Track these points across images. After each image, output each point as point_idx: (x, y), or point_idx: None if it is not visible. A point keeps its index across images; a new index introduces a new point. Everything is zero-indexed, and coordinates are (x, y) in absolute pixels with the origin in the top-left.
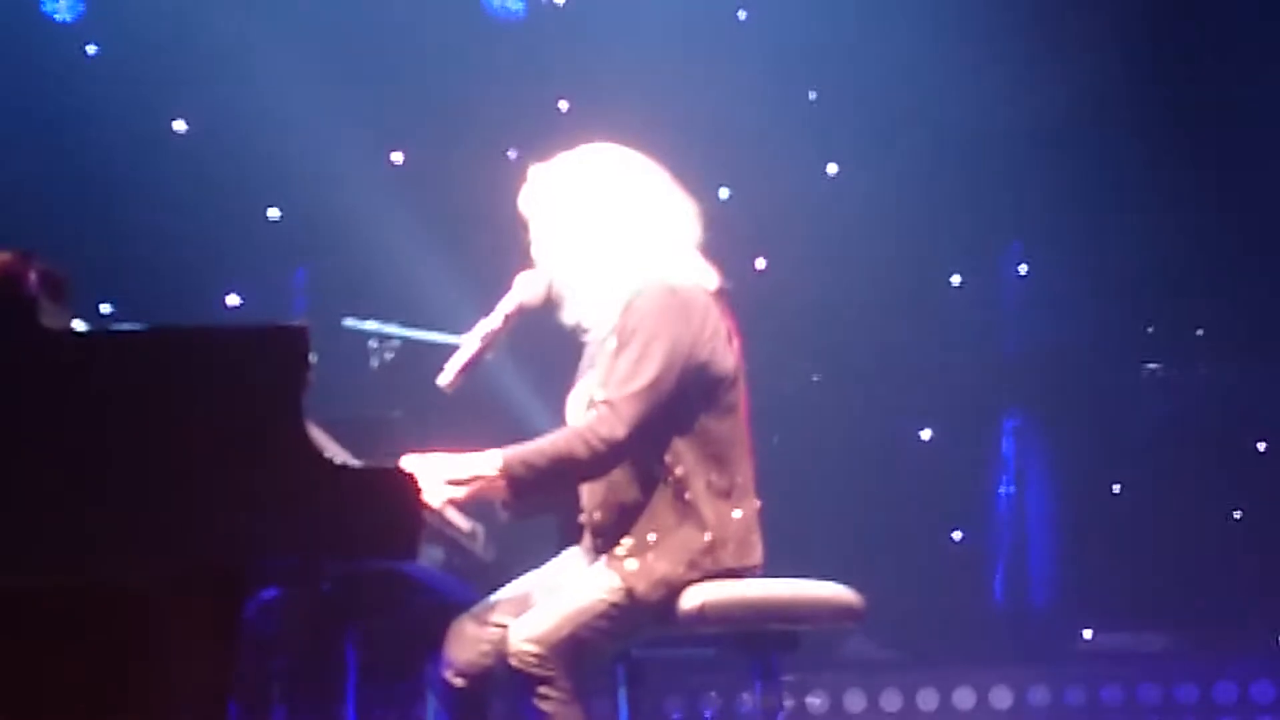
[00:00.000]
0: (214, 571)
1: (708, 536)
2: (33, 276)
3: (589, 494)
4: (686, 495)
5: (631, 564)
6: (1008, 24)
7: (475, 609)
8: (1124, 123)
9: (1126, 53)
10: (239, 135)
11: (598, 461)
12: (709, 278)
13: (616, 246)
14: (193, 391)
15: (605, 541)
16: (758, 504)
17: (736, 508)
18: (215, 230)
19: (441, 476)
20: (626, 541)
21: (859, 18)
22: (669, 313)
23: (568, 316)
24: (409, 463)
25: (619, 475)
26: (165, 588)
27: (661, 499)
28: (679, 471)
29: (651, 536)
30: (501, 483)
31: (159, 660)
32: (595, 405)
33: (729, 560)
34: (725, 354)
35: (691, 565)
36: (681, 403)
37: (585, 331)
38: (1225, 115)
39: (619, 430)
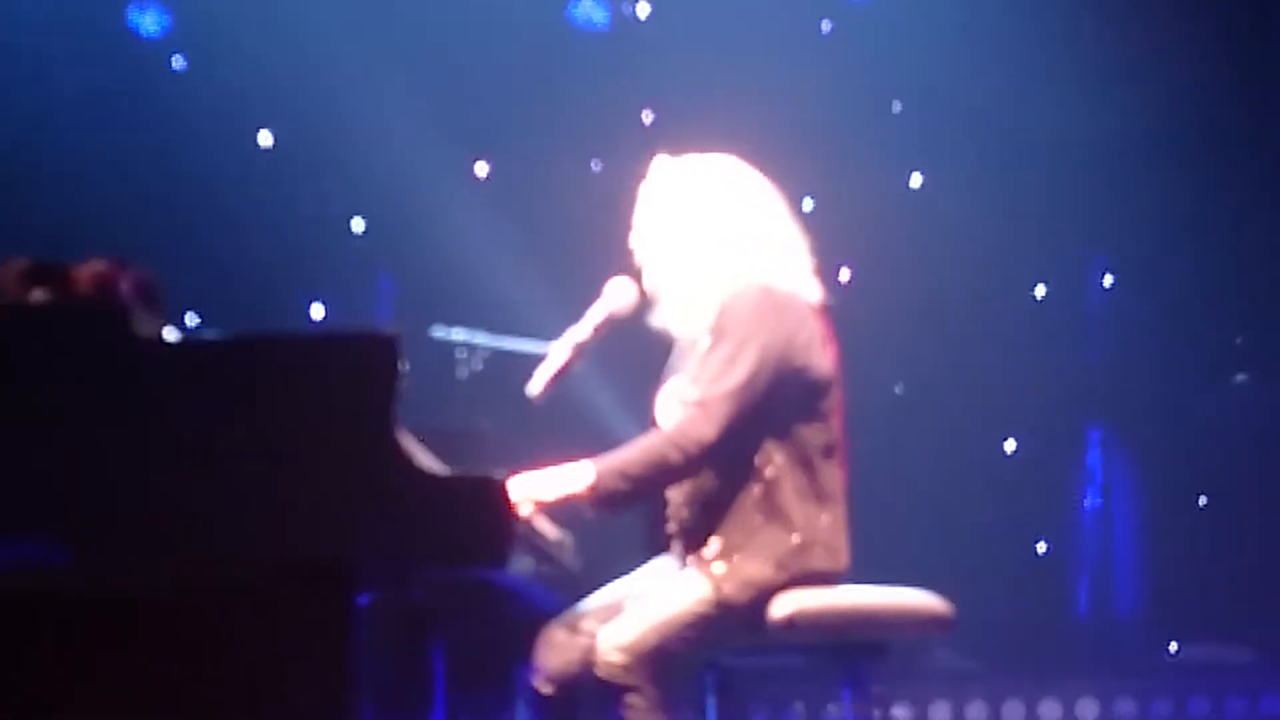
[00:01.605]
0: (318, 573)
1: (796, 538)
2: (126, 285)
3: (676, 495)
4: (775, 497)
5: (719, 566)
6: (1094, 34)
7: (565, 616)
8: (1212, 132)
9: (1216, 63)
10: (324, 146)
11: (690, 464)
12: (811, 290)
13: (722, 250)
14: (285, 398)
15: (692, 543)
16: (845, 510)
17: (825, 512)
18: (300, 241)
19: (534, 494)
20: (714, 542)
21: (943, 28)
22: (764, 315)
23: (658, 318)
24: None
25: (707, 476)
26: (272, 589)
27: (750, 500)
28: (769, 473)
29: (739, 537)
30: (596, 495)
31: (274, 657)
32: (687, 406)
33: (817, 563)
34: (820, 360)
35: (780, 566)
36: (774, 405)
37: (676, 335)
38: None
39: (709, 431)
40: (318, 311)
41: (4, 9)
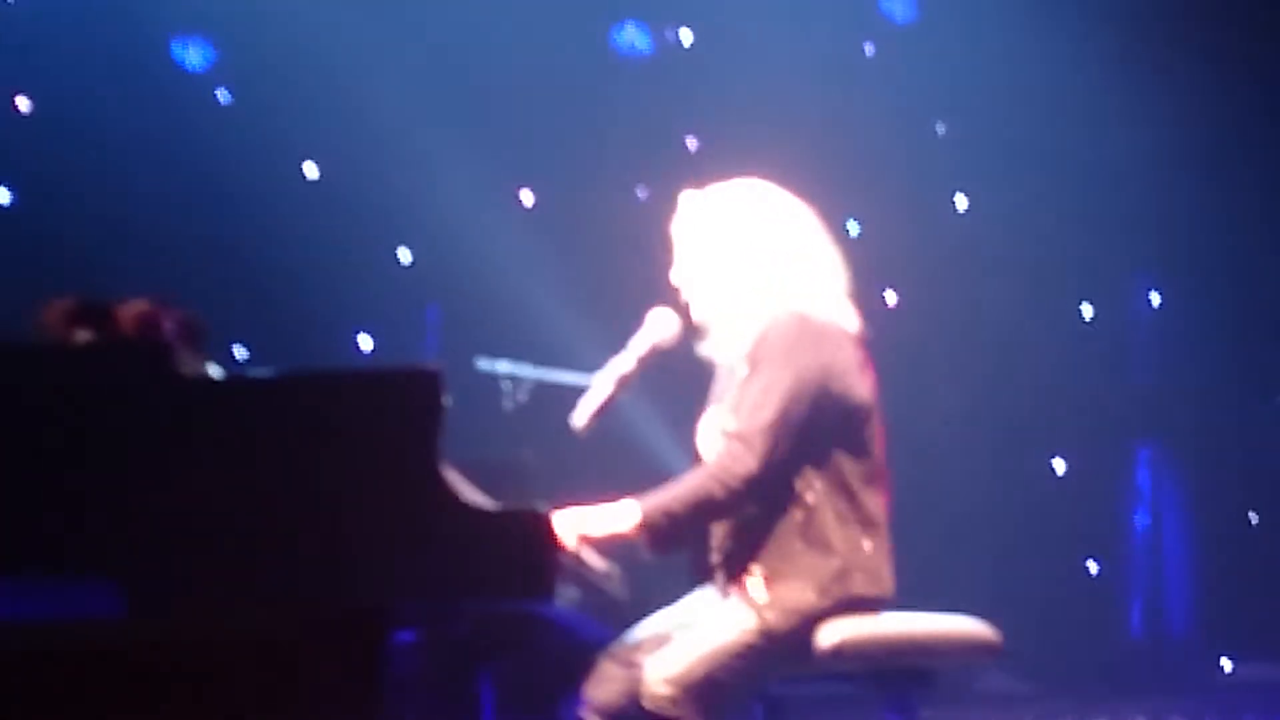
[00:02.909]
0: (355, 615)
1: (837, 563)
2: (169, 325)
3: (718, 525)
4: (816, 524)
5: (761, 594)
6: (1137, 52)
7: (613, 648)
8: (1257, 149)
9: (1264, 80)
10: (369, 178)
11: (734, 500)
12: (849, 319)
13: (760, 279)
14: (329, 436)
15: (735, 572)
16: (888, 537)
17: (866, 538)
18: (346, 272)
19: (579, 532)
20: (756, 571)
21: (985, 50)
22: (802, 343)
23: (703, 349)
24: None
25: (749, 505)
26: (307, 632)
27: (791, 527)
28: (809, 500)
29: (780, 565)
30: (644, 535)
31: (305, 706)
32: (727, 438)
33: (859, 588)
34: (859, 388)
35: (822, 592)
36: (813, 433)
37: (715, 360)
38: None
39: (753, 465)
40: (365, 343)
41: (50, 46)
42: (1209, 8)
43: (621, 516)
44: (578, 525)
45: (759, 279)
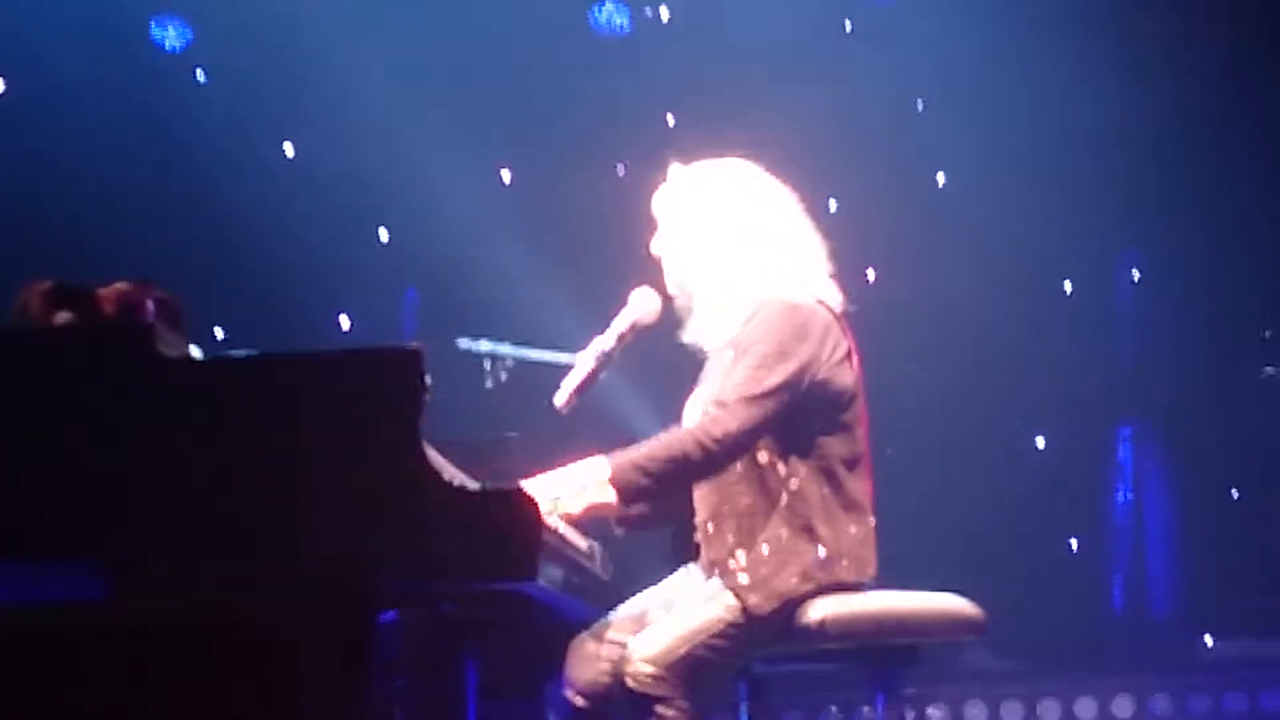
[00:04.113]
0: (339, 596)
1: (822, 551)
2: (150, 305)
3: (702, 507)
4: (801, 509)
5: (744, 578)
6: (1117, 26)
7: (595, 627)
8: (1240, 125)
9: (1244, 54)
10: (347, 157)
11: (708, 461)
12: (834, 298)
13: (746, 261)
14: (310, 417)
15: (719, 555)
16: (873, 521)
17: (852, 523)
18: (325, 252)
19: (550, 494)
20: (740, 555)
21: (964, 26)
22: (789, 328)
23: (686, 331)
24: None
25: (734, 488)
26: (292, 613)
27: (776, 512)
28: (794, 485)
29: (765, 549)
30: (612, 490)
31: (290, 687)
32: (712, 406)
33: (844, 575)
34: (844, 372)
35: (805, 578)
36: (799, 418)
37: (702, 346)
38: None
39: (730, 427)
40: (344, 323)
41: (26, 27)
42: None
43: (592, 472)
44: (549, 490)
45: (752, 265)
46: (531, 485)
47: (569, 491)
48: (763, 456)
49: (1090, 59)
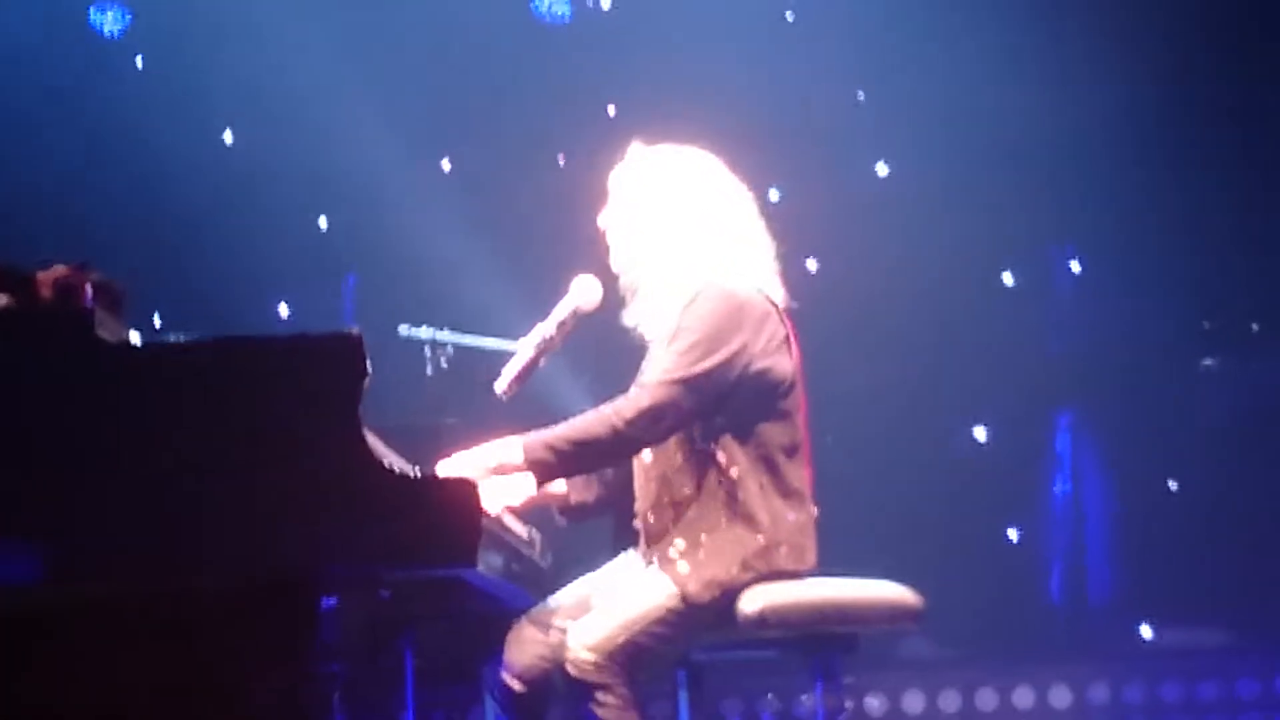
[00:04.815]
0: (280, 581)
1: (761, 538)
2: (89, 289)
3: (642, 495)
4: (740, 497)
5: (683, 566)
6: (1059, 21)
7: (534, 612)
8: (1177, 121)
9: (1179, 52)
10: (287, 144)
11: (618, 441)
12: (775, 290)
13: (696, 246)
14: (250, 402)
15: (659, 543)
16: (814, 510)
17: (791, 511)
18: (265, 240)
19: (464, 470)
20: (679, 543)
21: (907, 18)
22: (723, 316)
23: (628, 313)
24: (438, 468)
25: (674, 477)
26: (232, 599)
27: (714, 501)
28: (733, 474)
29: (703, 537)
30: (525, 469)
31: (230, 674)
32: (633, 387)
33: (782, 563)
34: (783, 360)
35: (744, 566)
36: (737, 406)
37: (644, 334)
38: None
39: (643, 408)
40: (284, 310)
41: None
42: None
43: (504, 451)
44: (462, 467)
45: (702, 251)
46: (444, 465)
47: (479, 466)
48: (703, 445)
49: (1030, 53)
